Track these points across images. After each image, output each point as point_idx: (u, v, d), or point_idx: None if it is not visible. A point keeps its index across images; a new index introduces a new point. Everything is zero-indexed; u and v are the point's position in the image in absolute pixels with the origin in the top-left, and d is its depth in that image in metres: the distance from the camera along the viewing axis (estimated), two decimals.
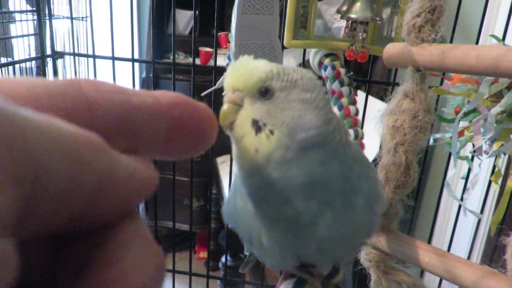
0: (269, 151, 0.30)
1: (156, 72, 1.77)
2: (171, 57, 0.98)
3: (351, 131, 0.59)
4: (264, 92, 0.32)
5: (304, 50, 0.86)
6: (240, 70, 0.32)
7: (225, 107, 0.32)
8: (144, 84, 1.93)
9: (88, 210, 0.13)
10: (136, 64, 0.99)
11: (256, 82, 0.32)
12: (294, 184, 0.31)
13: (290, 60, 1.76)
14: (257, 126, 0.31)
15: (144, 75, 1.99)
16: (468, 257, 0.91)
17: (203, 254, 2.07)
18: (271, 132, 0.31)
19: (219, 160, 1.75)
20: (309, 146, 0.31)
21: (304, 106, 0.32)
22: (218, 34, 1.91)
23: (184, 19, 2.07)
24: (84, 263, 0.13)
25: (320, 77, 0.72)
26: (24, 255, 0.11)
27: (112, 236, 0.14)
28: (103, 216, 0.14)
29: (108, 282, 0.13)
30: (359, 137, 0.59)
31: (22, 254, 0.11)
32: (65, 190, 0.11)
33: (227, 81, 0.33)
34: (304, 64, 0.89)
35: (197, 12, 1.97)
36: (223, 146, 0.42)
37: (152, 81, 1.18)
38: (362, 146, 0.59)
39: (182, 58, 1.98)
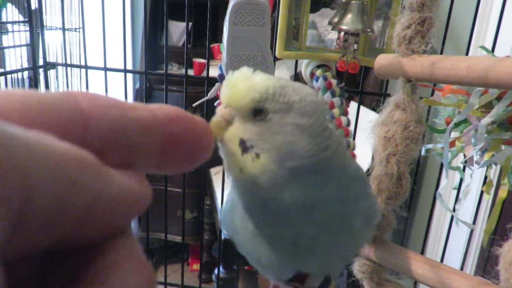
0: (253, 174, 0.29)
1: (150, 83, 1.77)
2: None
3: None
4: (256, 113, 0.30)
5: (296, 61, 0.87)
6: (236, 86, 0.30)
7: (214, 121, 0.30)
8: (138, 95, 1.93)
9: (78, 229, 0.12)
10: (130, 75, 0.99)
11: (249, 102, 0.29)
12: (287, 207, 0.30)
13: (284, 71, 1.77)
14: (244, 147, 0.29)
15: (137, 86, 2.00)
16: (462, 268, 0.91)
17: (197, 266, 2.05)
18: (257, 155, 0.29)
19: (213, 171, 1.74)
20: (302, 172, 0.30)
21: (298, 132, 0.30)
22: (212, 45, 1.93)
23: (178, 30, 2.08)
24: (73, 281, 0.13)
25: (312, 88, 0.72)
26: (9, 272, 0.11)
27: (102, 254, 0.13)
28: (94, 234, 0.13)
29: None
30: (350, 147, 0.59)
31: (7, 273, 0.10)
32: (54, 211, 0.11)
33: (223, 93, 0.30)
34: (297, 75, 0.89)
35: (190, 23, 1.98)
36: (216, 157, 0.41)
37: (146, 92, 1.17)
38: (353, 156, 0.59)
39: (175, 69, 1.98)
